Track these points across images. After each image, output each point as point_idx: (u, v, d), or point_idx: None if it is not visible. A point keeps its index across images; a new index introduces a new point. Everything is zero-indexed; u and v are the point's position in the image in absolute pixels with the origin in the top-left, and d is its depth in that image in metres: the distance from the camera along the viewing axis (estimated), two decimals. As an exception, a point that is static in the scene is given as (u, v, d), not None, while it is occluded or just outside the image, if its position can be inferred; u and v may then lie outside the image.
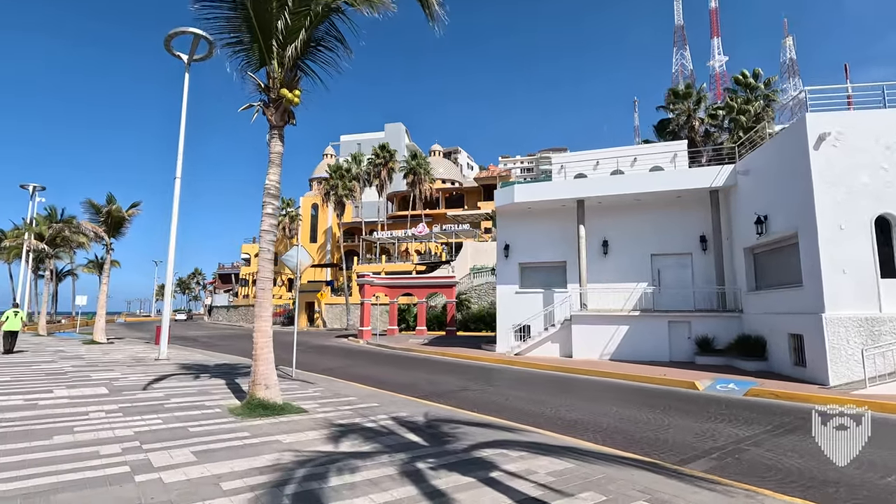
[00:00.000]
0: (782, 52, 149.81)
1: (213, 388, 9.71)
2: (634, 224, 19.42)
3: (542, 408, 9.66)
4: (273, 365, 7.62)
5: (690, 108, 35.15)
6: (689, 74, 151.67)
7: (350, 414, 7.52)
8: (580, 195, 19.13)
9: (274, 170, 7.75)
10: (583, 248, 19.12)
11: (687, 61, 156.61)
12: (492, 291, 37.32)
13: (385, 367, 16.71)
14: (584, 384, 13.10)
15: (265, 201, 7.73)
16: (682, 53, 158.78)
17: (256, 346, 7.54)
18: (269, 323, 7.58)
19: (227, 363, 15.14)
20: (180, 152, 15.22)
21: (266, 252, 7.70)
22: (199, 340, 29.95)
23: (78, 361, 14.54)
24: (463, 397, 10.71)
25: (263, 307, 7.62)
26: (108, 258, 22.96)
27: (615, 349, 17.81)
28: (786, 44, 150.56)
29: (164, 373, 12.23)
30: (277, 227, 7.84)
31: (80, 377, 10.99)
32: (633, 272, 19.19)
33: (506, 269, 21.36)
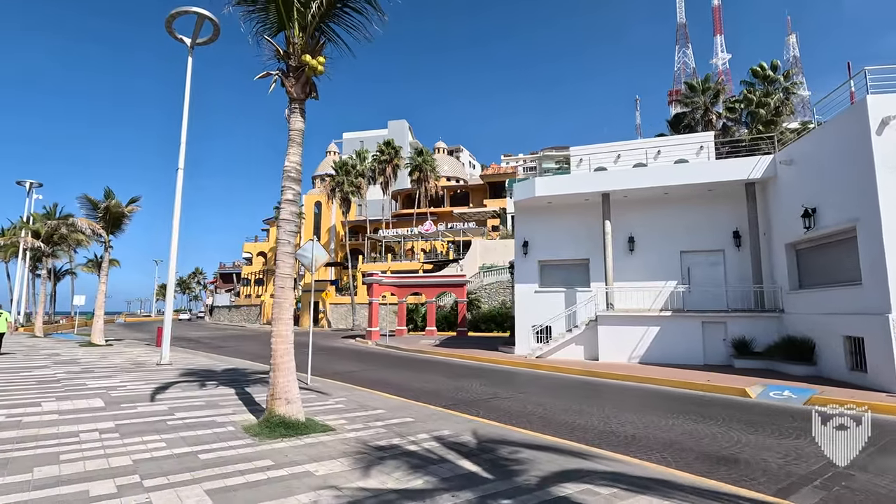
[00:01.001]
0: (786, 49, 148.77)
1: (223, 400, 8.66)
2: (662, 219, 18.39)
3: (589, 419, 8.64)
4: (295, 375, 6.57)
5: (707, 102, 34.09)
6: (692, 73, 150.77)
7: (384, 433, 6.47)
8: (606, 188, 18.07)
9: (294, 149, 6.69)
10: (608, 245, 18.07)
11: (689, 59, 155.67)
12: (502, 291, 36.31)
13: (402, 370, 15.68)
14: (622, 391, 12.07)
15: (285, 186, 6.68)
16: (685, 52, 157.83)
17: (275, 354, 6.48)
18: (290, 326, 6.53)
19: (234, 368, 14.09)
20: (183, 141, 14.17)
21: (285, 244, 6.65)
22: (202, 342, 28.90)
23: (73, 367, 13.48)
24: (496, 407, 9.70)
25: (283, 308, 6.56)
26: (106, 256, 21.88)
27: (644, 352, 16.78)
28: (789, 41, 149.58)
29: (167, 380, 11.17)
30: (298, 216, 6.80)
31: (73, 386, 9.94)
32: (661, 270, 18.16)
33: (524, 267, 20.30)
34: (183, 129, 14.32)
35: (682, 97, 35.97)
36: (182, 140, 14.18)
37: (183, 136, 14.21)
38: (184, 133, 14.29)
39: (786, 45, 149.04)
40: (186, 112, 14.35)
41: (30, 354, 16.98)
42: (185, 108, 14.34)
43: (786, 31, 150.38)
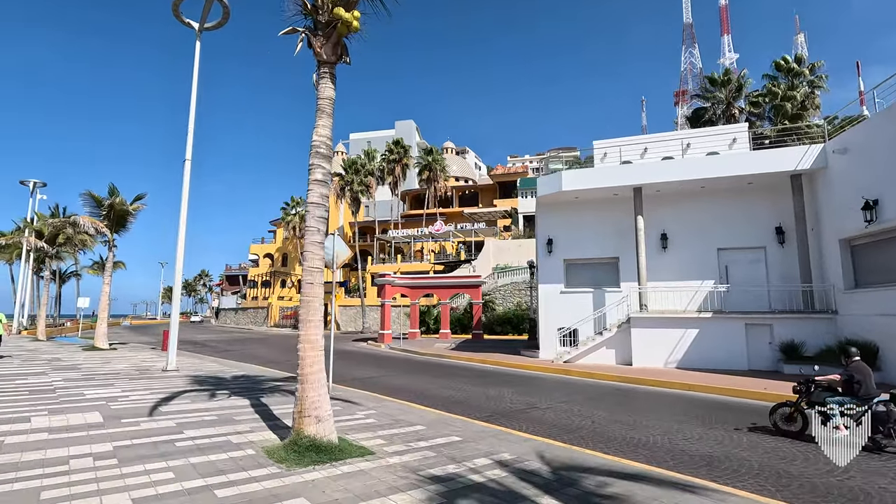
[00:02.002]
0: (794, 48, 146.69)
1: (237, 413, 7.62)
2: (697, 215, 17.29)
3: (649, 434, 7.62)
4: (326, 389, 5.54)
5: (729, 96, 32.93)
6: (699, 73, 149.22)
7: (434, 457, 5.41)
8: (638, 182, 16.98)
9: (324, 121, 5.69)
10: (641, 242, 16.97)
11: (696, 59, 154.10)
12: (517, 292, 35.22)
13: (423, 376, 14.63)
14: (670, 400, 10.98)
15: (313, 164, 5.67)
16: (691, 52, 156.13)
17: (304, 363, 5.44)
18: (321, 330, 5.50)
19: (245, 374, 13.07)
20: (190, 130, 13.22)
21: (314, 232, 5.64)
22: (208, 345, 27.94)
23: (72, 373, 12.50)
24: (538, 419, 8.67)
25: (312, 308, 5.53)
26: (110, 257, 20.95)
27: (682, 356, 15.67)
28: (797, 40, 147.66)
29: (174, 388, 10.17)
30: (323, 213, 5.73)
31: (70, 396, 8.94)
32: (696, 269, 17.05)
33: (549, 266, 19.21)
34: (190, 117, 13.38)
35: (702, 91, 34.84)
36: (189, 129, 13.23)
37: (190, 125, 13.27)
38: (191, 122, 13.35)
39: (794, 44, 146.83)
40: (194, 100, 13.42)
41: (28, 359, 16.02)
42: (193, 96, 13.40)
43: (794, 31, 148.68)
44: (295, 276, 60.32)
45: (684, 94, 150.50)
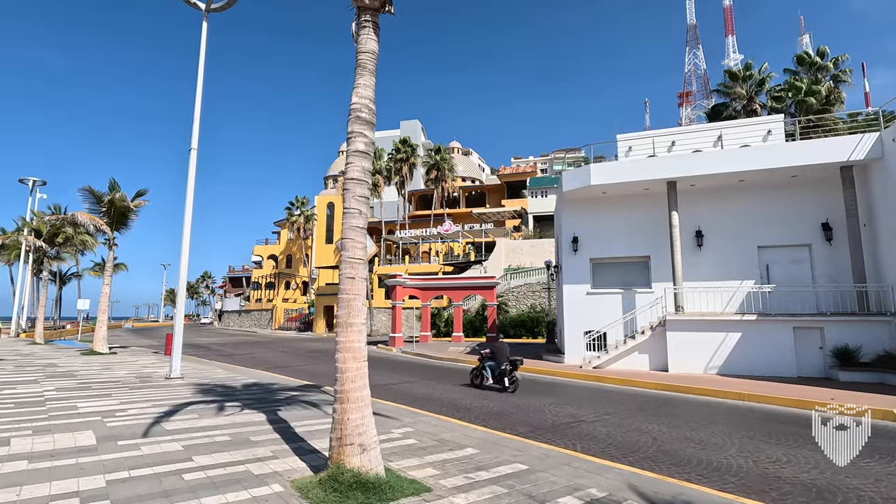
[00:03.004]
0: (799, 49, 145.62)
1: (254, 432, 6.55)
2: (736, 210, 16.23)
3: (724, 455, 6.69)
4: (371, 410, 4.47)
5: (751, 91, 31.81)
6: (703, 74, 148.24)
7: (504, 493, 4.34)
8: (672, 175, 15.92)
9: (365, 79, 4.65)
10: (677, 240, 15.88)
11: (700, 61, 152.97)
12: (531, 294, 34.09)
13: (446, 384, 13.58)
14: (726, 411, 9.92)
15: (353, 132, 4.63)
16: (696, 53, 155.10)
17: (344, 377, 4.37)
18: (364, 336, 4.44)
19: (256, 382, 11.99)
20: (196, 117, 12.16)
21: (356, 215, 4.60)
22: (212, 349, 26.88)
23: (67, 381, 11.45)
24: (591, 435, 7.66)
25: (353, 309, 4.46)
26: (110, 255, 19.91)
27: (723, 361, 14.58)
28: (802, 41, 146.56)
29: (179, 399, 9.11)
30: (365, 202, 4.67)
31: (61, 410, 7.87)
32: (734, 268, 15.97)
33: (574, 266, 18.12)
34: (196, 104, 12.33)
35: (721, 87, 33.73)
36: (196, 115, 12.18)
37: (196, 112, 12.21)
38: (197, 109, 12.29)
39: (798, 45, 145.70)
40: (200, 85, 12.37)
41: (22, 365, 14.96)
42: (199, 82, 12.36)
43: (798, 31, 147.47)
44: (299, 278, 59.30)
45: (688, 95, 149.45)
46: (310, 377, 14.25)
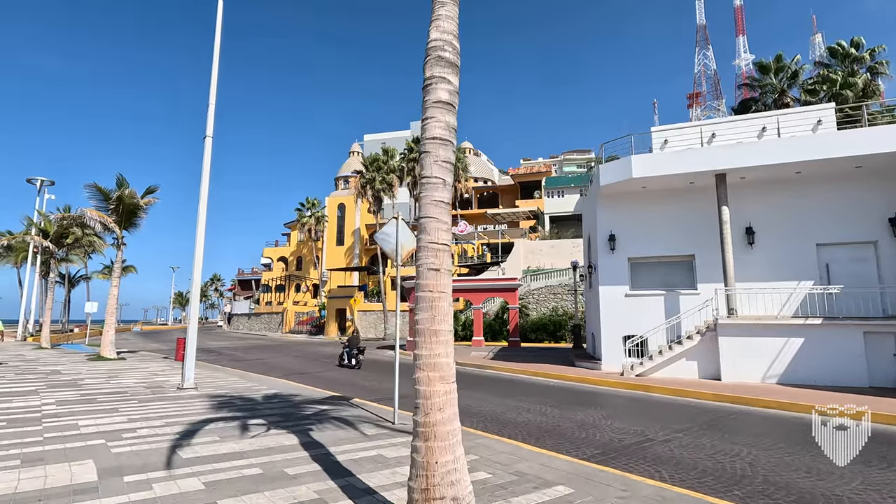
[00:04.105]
0: (811, 49, 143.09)
1: (288, 461, 5.40)
2: (790, 205, 14.99)
3: (852, 489, 5.42)
4: (463, 449, 3.31)
5: (783, 84, 30.43)
6: (713, 75, 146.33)
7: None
8: (722, 167, 14.71)
9: (447, 9, 3.53)
10: (728, 237, 14.65)
11: (710, 61, 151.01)
12: (552, 296, 32.85)
13: (480, 392, 12.40)
14: (809, 427, 8.63)
15: (432, 77, 3.50)
16: (705, 53, 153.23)
17: (428, 404, 3.21)
18: (451, 348, 3.30)
19: (277, 393, 10.86)
20: (212, 101, 11.11)
21: (438, 186, 3.47)
22: (223, 353, 25.86)
23: (70, 391, 10.39)
24: (674, 459, 6.55)
25: (439, 310, 3.30)
26: (118, 255, 18.92)
27: (784, 369, 13.31)
28: (814, 41, 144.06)
29: (194, 415, 8.01)
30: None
31: (59, 429, 6.78)
32: (789, 268, 14.70)
33: (611, 266, 16.90)
34: (212, 86, 11.28)
35: (750, 80, 32.42)
36: (211, 99, 11.13)
37: (212, 95, 11.16)
38: (212, 92, 11.25)
39: (811, 44, 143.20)
40: (216, 67, 11.33)
41: (23, 372, 13.94)
42: (215, 63, 11.31)
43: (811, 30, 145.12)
44: (309, 281, 58.37)
45: (698, 96, 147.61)
46: (331, 386, 13.15)
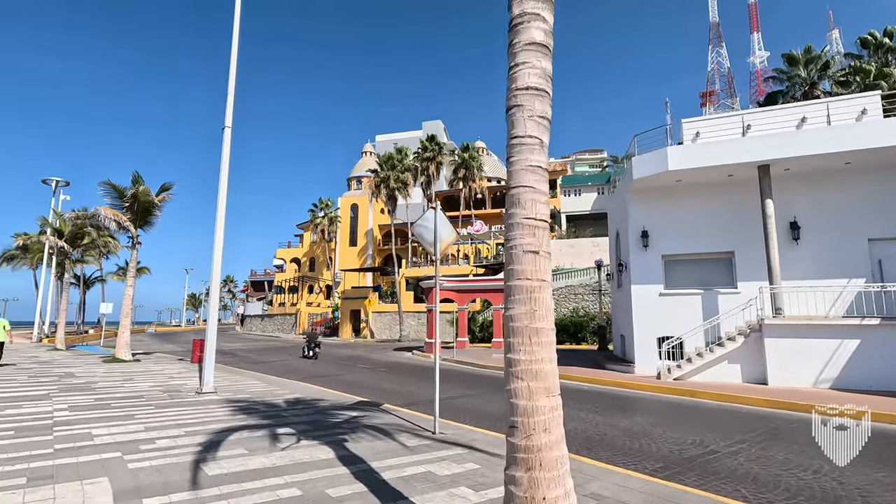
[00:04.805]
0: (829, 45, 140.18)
1: (329, 480, 4.72)
2: (838, 198, 14.12)
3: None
4: (572, 479, 2.61)
5: (813, 76, 29.37)
6: (727, 73, 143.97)
7: None
8: (766, 157, 13.86)
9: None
10: (773, 232, 13.80)
11: (724, 59, 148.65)
12: (573, 297, 32.02)
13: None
14: (891, 440, 7.81)
15: (524, 13, 2.79)
16: (718, 51, 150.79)
17: (531, 422, 2.48)
18: (554, 353, 2.61)
19: (300, 398, 10.24)
20: (231, 89, 10.51)
21: (535, 148, 2.77)
22: (238, 355, 25.39)
23: (84, 396, 9.85)
24: (746, 474, 5.95)
25: (539, 303, 2.56)
26: (133, 254, 18.51)
27: (838, 373, 12.42)
28: (831, 37, 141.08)
29: (217, 423, 7.39)
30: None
31: (72, 440, 6.19)
32: (838, 265, 13.83)
33: (643, 264, 16.08)
34: (231, 73, 10.69)
35: (778, 72, 31.32)
36: (230, 87, 10.53)
37: (231, 83, 10.55)
38: (232, 79, 10.64)
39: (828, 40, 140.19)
40: (235, 52, 10.74)
41: (36, 374, 13.49)
42: (234, 44, 10.71)
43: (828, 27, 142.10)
44: (323, 282, 58.01)
45: (711, 94, 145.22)
46: (354, 389, 12.52)
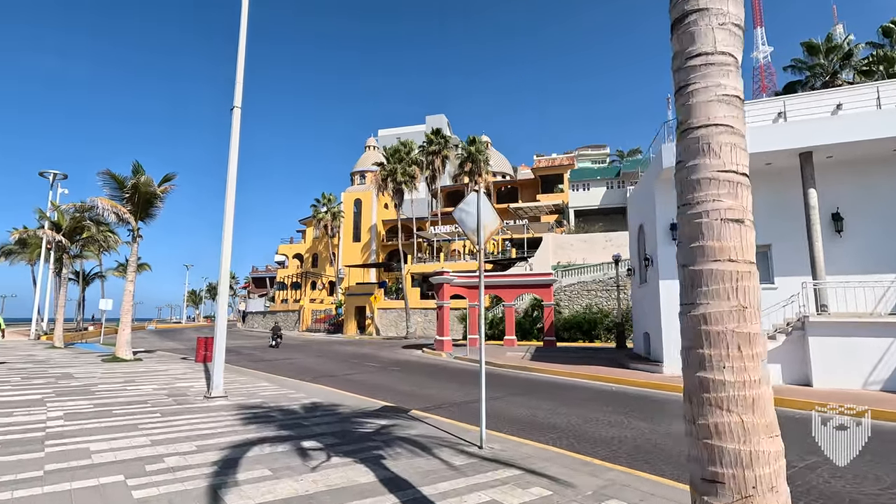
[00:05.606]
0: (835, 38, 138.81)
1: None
2: (885, 187, 13.27)
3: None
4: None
5: (835, 65, 28.42)
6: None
7: None
8: (809, 144, 13.01)
9: None
10: (816, 223, 12.95)
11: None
12: (586, 293, 31.19)
13: (535, 399, 10.91)
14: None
15: None
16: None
17: (750, 478, 1.67)
18: (768, 371, 1.81)
19: (317, 403, 9.39)
20: (240, 67, 9.66)
21: (725, 71, 2.02)
22: (243, 353, 24.56)
23: (81, 401, 9.02)
24: (836, 495, 4.96)
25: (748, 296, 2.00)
26: (134, 248, 17.65)
27: (890, 374, 11.58)
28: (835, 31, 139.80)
29: (231, 436, 6.55)
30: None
31: (65, 458, 5.35)
32: (885, 258, 13.02)
33: (673, 258, 15.11)
34: (240, 52, 9.83)
35: (797, 62, 30.36)
36: (239, 66, 9.68)
37: (240, 62, 9.70)
38: (241, 57, 9.80)
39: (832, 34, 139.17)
40: (244, 29, 9.87)
41: (31, 376, 12.64)
42: (243, 23, 9.85)
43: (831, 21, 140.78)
44: (326, 278, 57.18)
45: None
46: (369, 391, 11.70)
